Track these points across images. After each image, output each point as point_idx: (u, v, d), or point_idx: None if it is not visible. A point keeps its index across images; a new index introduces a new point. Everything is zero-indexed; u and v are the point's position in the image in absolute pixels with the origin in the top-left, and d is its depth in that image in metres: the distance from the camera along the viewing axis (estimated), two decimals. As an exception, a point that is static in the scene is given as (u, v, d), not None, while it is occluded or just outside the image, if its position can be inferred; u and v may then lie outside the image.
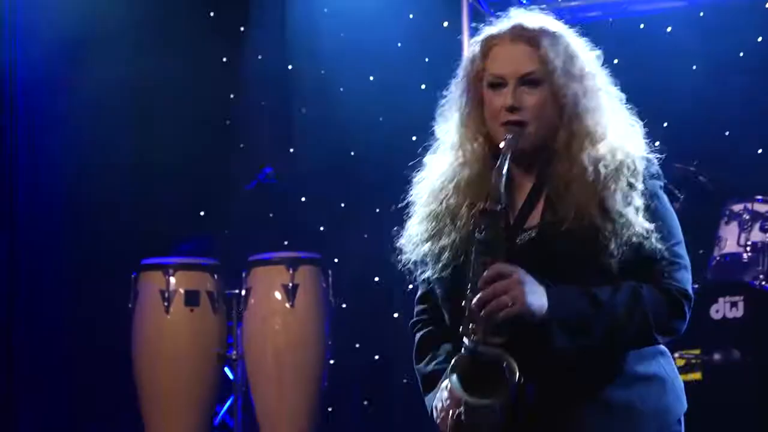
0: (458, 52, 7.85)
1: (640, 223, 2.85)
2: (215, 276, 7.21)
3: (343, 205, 8.59)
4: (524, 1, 7.82)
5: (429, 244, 3.08)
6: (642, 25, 8.01)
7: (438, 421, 3.00)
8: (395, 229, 3.19)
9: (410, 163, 3.30)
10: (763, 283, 6.30)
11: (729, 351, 6.14)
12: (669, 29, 7.92)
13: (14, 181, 7.36)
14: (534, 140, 2.98)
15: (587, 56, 3.04)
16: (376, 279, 8.43)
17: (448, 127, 3.14)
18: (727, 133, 7.75)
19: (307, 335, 7.14)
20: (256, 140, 8.60)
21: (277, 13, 8.56)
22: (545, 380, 2.90)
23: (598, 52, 3.07)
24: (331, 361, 7.49)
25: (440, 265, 3.05)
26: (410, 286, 8.25)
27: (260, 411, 7.11)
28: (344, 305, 8.06)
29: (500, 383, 2.79)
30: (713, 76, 7.60)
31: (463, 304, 2.86)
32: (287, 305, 7.09)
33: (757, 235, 6.49)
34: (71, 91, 7.70)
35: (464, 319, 2.84)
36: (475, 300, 2.80)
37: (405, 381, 7.93)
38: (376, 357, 8.40)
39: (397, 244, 3.18)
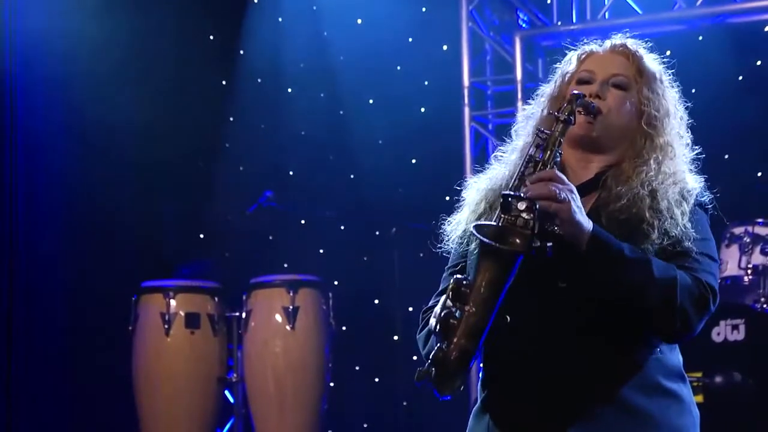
0: (457, 76, 7.89)
1: (684, 224, 2.93)
2: (216, 298, 7.22)
3: (342, 227, 8.60)
4: (524, 25, 7.86)
5: (480, 221, 3.06)
6: (641, 49, 8.03)
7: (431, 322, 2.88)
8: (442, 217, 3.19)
9: (409, 187, 3.31)
10: (765, 305, 6.30)
11: (730, 374, 6.13)
12: (668, 53, 7.92)
13: (13, 205, 7.35)
14: (606, 132, 3.04)
15: (673, 90, 3.14)
16: (376, 301, 8.44)
17: (523, 129, 3.16)
18: (726, 156, 7.76)
19: (308, 358, 7.14)
20: (256, 163, 8.61)
21: (277, 36, 8.58)
22: (571, 368, 2.89)
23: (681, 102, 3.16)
24: (331, 384, 7.48)
25: None
26: (411, 308, 8.26)
27: (260, 433, 7.12)
28: (344, 328, 8.06)
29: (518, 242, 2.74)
30: (712, 99, 7.60)
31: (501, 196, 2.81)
32: (288, 328, 7.09)
33: (758, 258, 6.50)
34: (71, 112, 7.70)
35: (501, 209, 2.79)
36: (523, 189, 2.78)
37: (405, 404, 7.93)
38: (377, 380, 8.39)
39: (445, 226, 3.16)
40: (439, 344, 2.76)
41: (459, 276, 2.79)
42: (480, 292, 2.74)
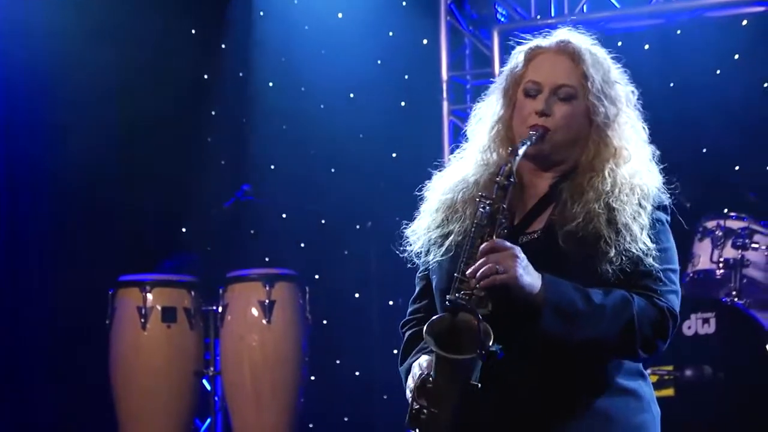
0: (437, 70, 7.91)
1: (643, 240, 2.91)
2: (192, 292, 7.22)
3: (323, 221, 8.61)
4: (502, 19, 7.87)
5: (438, 230, 3.10)
6: (620, 43, 8.02)
7: (407, 389, 2.99)
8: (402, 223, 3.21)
9: (390, 180, 3.31)
10: (735, 299, 6.31)
11: (701, 367, 6.15)
12: (647, 47, 7.95)
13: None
14: (557, 147, 3.04)
15: (623, 86, 3.11)
16: (357, 295, 8.45)
17: (480, 130, 3.18)
18: (704, 150, 7.77)
19: (284, 352, 7.15)
20: (238, 157, 8.62)
21: (258, 30, 8.59)
22: (526, 377, 2.92)
23: (632, 87, 3.12)
24: (312, 378, 7.50)
25: (444, 248, 3.06)
26: (390, 302, 8.24)
27: (238, 428, 7.12)
28: (324, 321, 8.08)
29: (472, 344, 2.79)
30: (691, 93, 7.62)
31: (454, 275, 2.87)
32: (264, 322, 7.10)
33: (729, 252, 6.50)
34: (54, 106, 7.71)
35: (452, 289, 2.85)
36: (469, 270, 2.82)
37: (385, 397, 7.95)
38: (357, 373, 8.41)
39: (406, 233, 3.17)
40: None
41: (424, 375, 2.88)
42: (440, 396, 2.84)
